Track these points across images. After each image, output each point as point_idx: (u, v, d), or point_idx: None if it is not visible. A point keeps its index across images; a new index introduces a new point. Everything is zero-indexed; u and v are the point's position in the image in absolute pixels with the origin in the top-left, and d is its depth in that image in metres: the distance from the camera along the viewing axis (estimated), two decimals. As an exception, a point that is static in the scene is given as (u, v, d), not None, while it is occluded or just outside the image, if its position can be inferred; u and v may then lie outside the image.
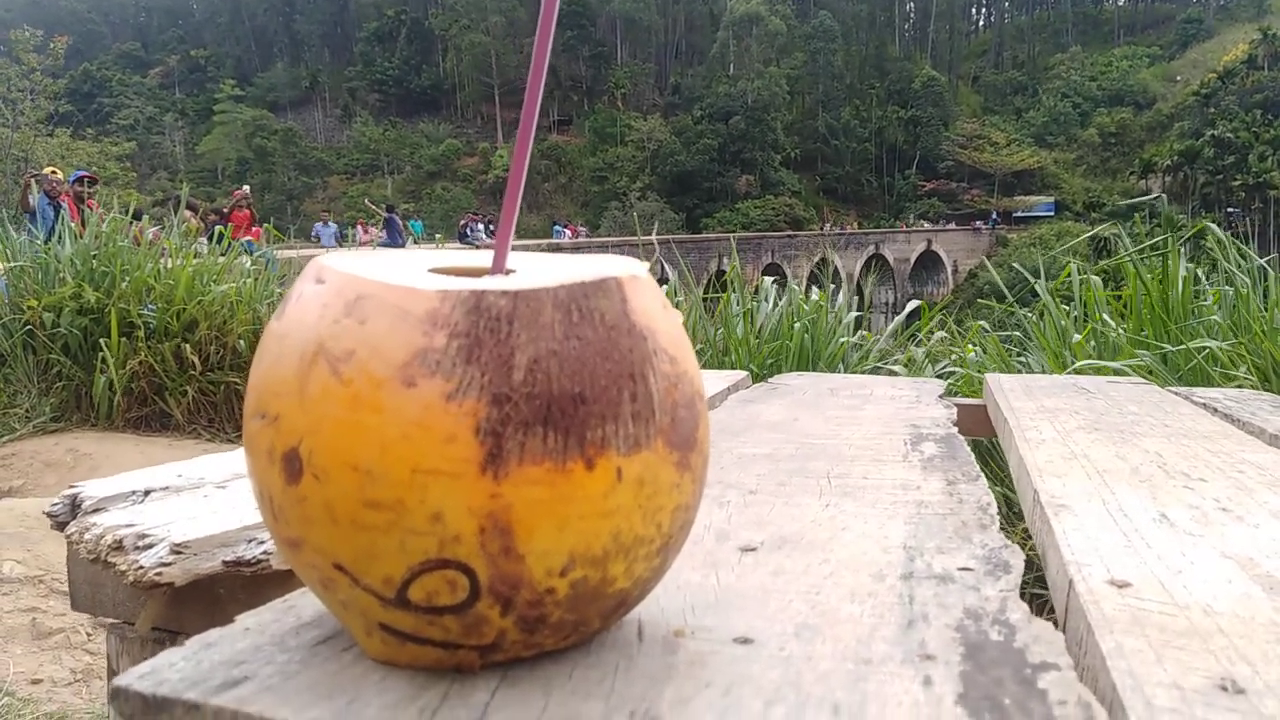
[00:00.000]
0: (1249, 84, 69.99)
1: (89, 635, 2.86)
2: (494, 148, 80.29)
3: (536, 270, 0.40)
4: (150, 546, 0.59)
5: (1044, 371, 3.73)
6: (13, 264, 5.89)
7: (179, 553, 0.58)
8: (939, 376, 4.43)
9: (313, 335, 0.35)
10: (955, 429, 1.04)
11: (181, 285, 5.62)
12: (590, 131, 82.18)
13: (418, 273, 0.38)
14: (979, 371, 4.14)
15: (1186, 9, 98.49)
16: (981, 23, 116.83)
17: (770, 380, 1.58)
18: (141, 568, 0.57)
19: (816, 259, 54.76)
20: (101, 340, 5.34)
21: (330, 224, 19.45)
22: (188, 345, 5.42)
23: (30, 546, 3.24)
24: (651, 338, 0.37)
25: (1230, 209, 58.26)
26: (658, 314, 0.39)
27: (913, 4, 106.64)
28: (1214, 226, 3.98)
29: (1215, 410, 1.20)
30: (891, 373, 4.44)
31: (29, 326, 5.52)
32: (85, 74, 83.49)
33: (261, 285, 5.99)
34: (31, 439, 5.23)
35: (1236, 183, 60.06)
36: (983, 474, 0.78)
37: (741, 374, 1.75)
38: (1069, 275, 4.11)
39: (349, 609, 0.36)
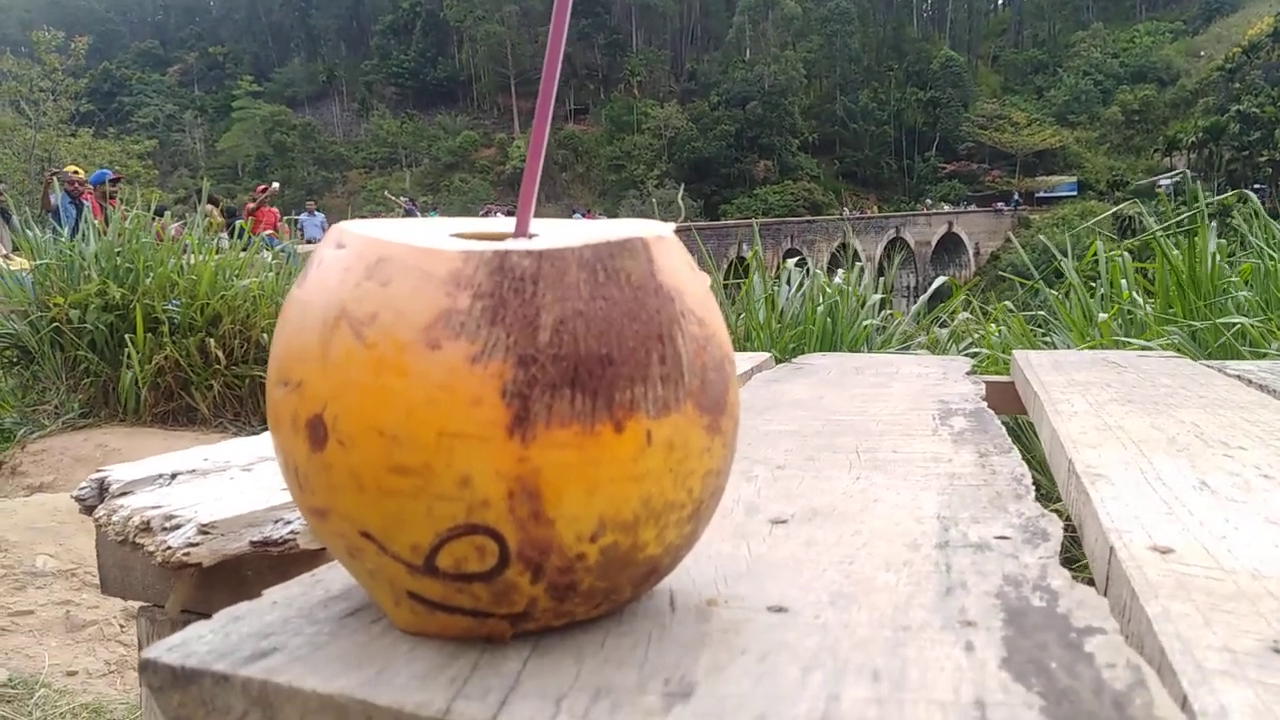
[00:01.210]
0: (1274, 58, 68.86)
1: (122, 627, 2.89)
2: (511, 138, 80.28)
3: (560, 233, 0.39)
4: (178, 527, 0.59)
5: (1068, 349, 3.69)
6: (38, 262, 5.94)
7: (206, 533, 0.58)
8: (962, 356, 4.40)
9: (335, 299, 0.34)
10: (984, 403, 1.03)
11: (204, 280, 5.66)
12: (607, 120, 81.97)
13: (440, 236, 0.37)
14: (1004, 351, 4.11)
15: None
16: (1000, 1, 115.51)
17: (794, 360, 1.57)
18: (169, 548, 0.57)
19: (836, 243, 54.49)
20: (127, 336, 5.39)
21: (316, 214, 18.80)
22: (212, 340, 5.46)
23: (62, 540, 3.28)
24: (679, 299, 0.36)
25: (1257, 185, 57.41)
26: (685, 275, 0.38)
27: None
28: (1251, 194, 3.92)
29: (1250, 382, 1.18)
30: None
31: (56, 324, 5.57)
32: (105, 73, 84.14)
33: (283, 279, 6.02)
34: (61, 435, 5.29)
35: (1263, 158, 59.21)
36: (1015, 447, 0.77)
37: (764, 355, 1.74)
38: (1095, 254, 4.07)
39: (377, 578, 0.35)
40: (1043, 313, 4.18)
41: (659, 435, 0.34)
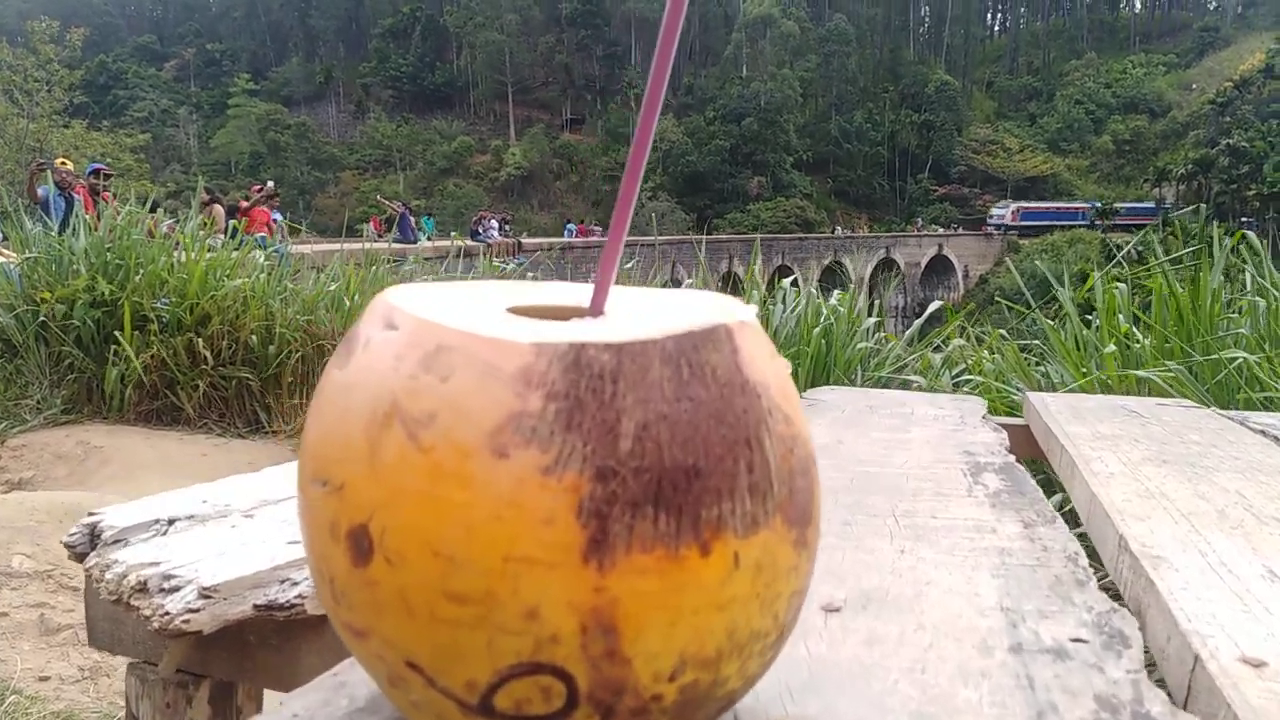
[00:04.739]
0: (1265, 93, 69.65)
1: (97, 634, 2.82)
2: (506, 145, 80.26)
3: (632, 313, 0.35)
4: (176, 590, 0.54)
5: (1063, 382, 3.68)
6: (27, 255, 5.87)
7: (207, 597, 0.54)
8: (955, 383, 4.39)
9: (385, 392, 0.30)
10: (1012, 456, 0.99)
11: (195, 279, 5.59)
12: (603, 131, 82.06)
13: (499, 315, 0.33)
14: (998, 380, 4.10)
15: (1203, 17, 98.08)
16: (997, 28, 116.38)
17: (803, 395, 1.53)
18: (167, 614, 0.53)
19: (827, 261, 54.69)
20: (115, 333, 5.31)
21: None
22: (200, 340, 5.39)
23: (39, 541, 3.20)
24: (765, 394, 0.32)
25: (1244, 219, 57.95)
26: (768, 365, 0.34)
27: (927, 8, 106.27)
28: (1251, 235, 3.94)
29: (1278, 439, 1.15)
30: (906, 383, 4.39)
31: (42, 319, 5.50)
32: (101, 66, 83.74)
33: (274, 281, 5.95)
34: (42, 430, 5.21)
35: (1251, 192, 59.77)
36: (1059, 516, 0.73)
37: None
38: (1092, 284, 4.07)
39: (421, 711, 0.31)
40: (1037, 342, 4.17)
41: (747, 557, 0.30)
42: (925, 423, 1.26)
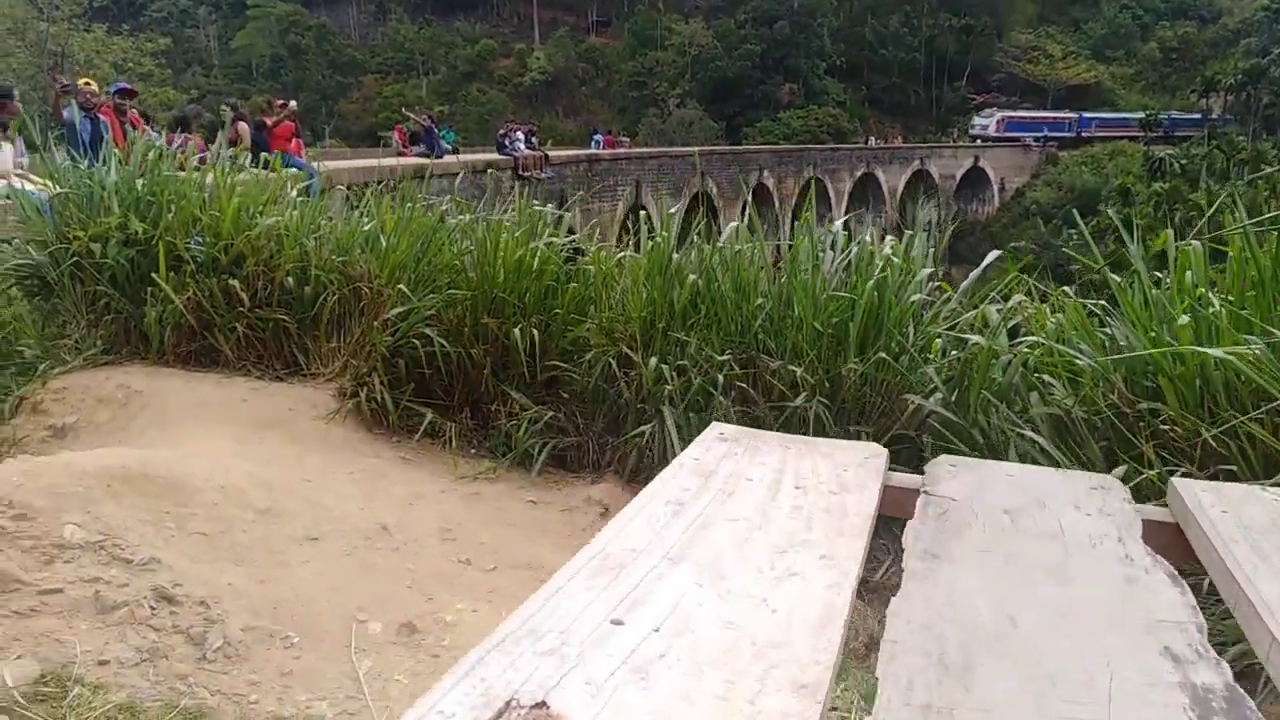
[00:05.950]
0: (1324, -2, 66.59)
1: (153, 610, 2.79)
2: (530, 49, 78.35)
3: None
4: None
5: (1129, 345, 3.54)
6: (57, 190, 5.77)
7: None
8: (1011, 339, 4.23)
9: None
10: (1228, 670, 0.86)
11: (228, 218, 5.47)
12: (629, 34, 79.75)
13: None
14: (1059, 340, 3.95)
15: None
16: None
17: (925, 486, 1.39)
18: None
19: (859, 174, 53.65)
20: (151, 274, 5.23)
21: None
22: (236, 281, 5.30)
23: (90, 508, 3.14)
24: None
25: (1293, 131, 56.12)
26: None
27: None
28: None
29: None
30: (961, 339, 4.22)
31: (76, 257, 5.42)
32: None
33: (308, 219, 5.81)
34: (83, 372, 5.18)
35: (1302, 104, 57.74)
36: None
37: (874, 451, 1.55)
38: (1164, 241, 3.89)
39: None
40: (1103, 301, 4.02)
41: None
42: (1083, 550, 1.13)
